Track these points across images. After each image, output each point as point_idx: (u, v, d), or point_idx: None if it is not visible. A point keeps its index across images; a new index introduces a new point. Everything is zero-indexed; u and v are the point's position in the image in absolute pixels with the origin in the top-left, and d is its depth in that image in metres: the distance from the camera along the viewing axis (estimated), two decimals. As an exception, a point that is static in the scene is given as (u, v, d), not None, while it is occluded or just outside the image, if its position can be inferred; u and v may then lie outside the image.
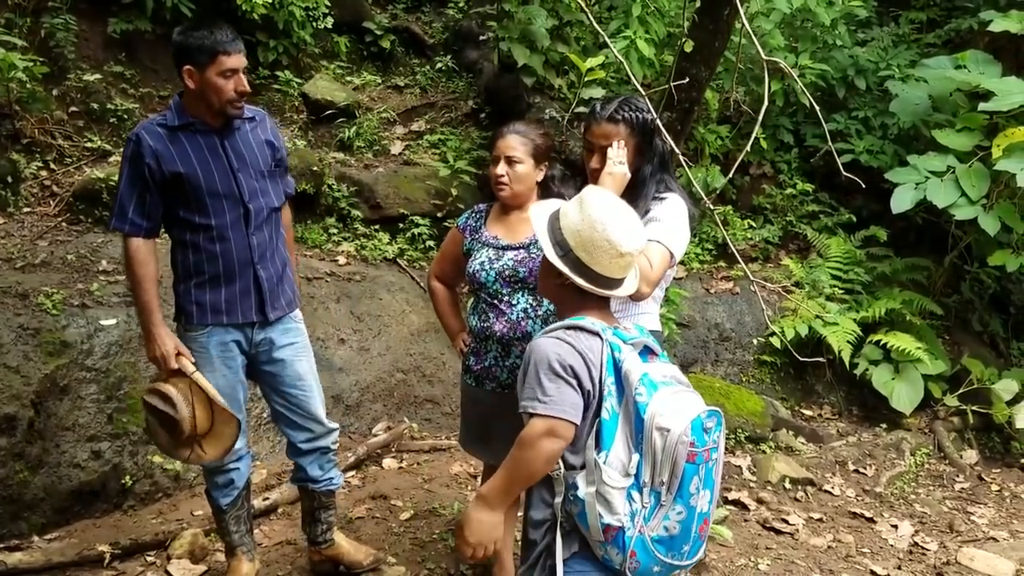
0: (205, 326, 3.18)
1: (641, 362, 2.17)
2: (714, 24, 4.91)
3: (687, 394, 2.15)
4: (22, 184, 5.41)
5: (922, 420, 6.24)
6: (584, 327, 2.18)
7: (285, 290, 3.35)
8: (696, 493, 2.08)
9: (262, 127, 3.28)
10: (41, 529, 3.88)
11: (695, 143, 7.01)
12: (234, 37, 3.02)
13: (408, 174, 6.44)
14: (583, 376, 2.12)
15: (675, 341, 6.02)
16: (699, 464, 2.06)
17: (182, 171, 3.04)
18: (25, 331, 3.98)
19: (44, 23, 5.84)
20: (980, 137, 6.09)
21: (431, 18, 8.67)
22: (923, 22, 8.17)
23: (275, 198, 3.28)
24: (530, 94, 6.55)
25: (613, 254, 2.20)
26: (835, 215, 7.22)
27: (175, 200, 3.10)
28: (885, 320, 6.32)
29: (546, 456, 2.12)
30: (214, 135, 3.12)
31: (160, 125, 3.08)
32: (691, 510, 2.09)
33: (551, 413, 2.09)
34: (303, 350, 3.41)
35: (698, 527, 2.12)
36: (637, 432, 2.09)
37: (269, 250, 3.27)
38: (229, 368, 3.25)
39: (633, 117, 2.86)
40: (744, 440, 5.52)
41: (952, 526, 4.92)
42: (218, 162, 3.11)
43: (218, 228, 3.12)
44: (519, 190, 3.19)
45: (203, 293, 3.17)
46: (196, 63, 2.98)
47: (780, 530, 4.58)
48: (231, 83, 3.02)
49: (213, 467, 3.31)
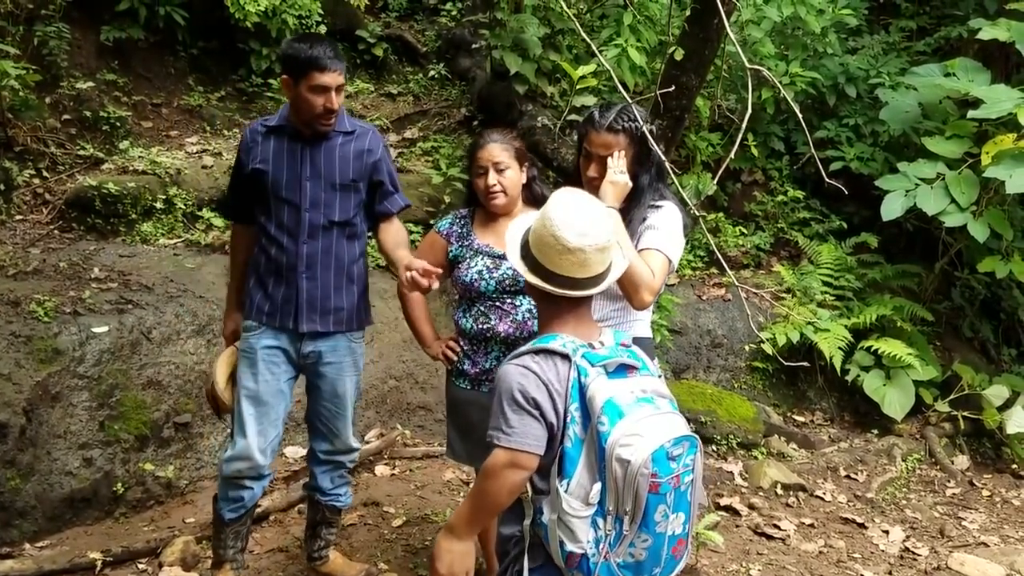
0: (257, 324, 3.28)
1: (609, 385, 2.09)
2: (704, 32, 4.94)
3: (657, 418, 2.07)
4: (14, 192, 5.41)
5: (913, 426, 6.26)
6: (553, 350, 2.12)
7: (339, 308, 3.31)
8: (663, 520, 2.05)
9: (359, 141, 3.30)
10: (32, 537, 3.87)
11: (687, 150, 7.04)
12: (334, 55, 3.10)
13: (401, 181, 6.42)
14: (546, 407, 2.08)
15: (667, 347, 6.04)
16: (664, 493, 2.03)
17: (261, 168, 3.22)
18: (17, 338, 3.98)
19: (37, 31, 5.85)
20: (969, 144, 6.13)
21: (424, 26, 8.71)
22: (913, 30, 8.23)
23: (339, 212, 3.26)
24: (522, 102, 6.58)
25: (560, 250, 2.14)
26: (826, 222, 7.25)
27: (255, 196, 3.27)
28: (876, 326, 6.34)
29: (509, 487, 2.10)
30: (300, 142, 3.23)
31: (263, 124, 3.30)
32: (659, 536, 2.06)
33: (513, 445, 2.07)
34: (348, 369, 3.40)
35: (670, 549, 2.10)
36: (600, 461, 2.04)
37: (322, 263, 3.26)
38: (272, 374, 3.27)
39: (632, 127, 2.87)
40: (736, 446, 5.54)
41: (943, 531, 4.94)
42: (291, 167, 3.22)
43: (275, 231, 3.24)
44: (513, 196, 3.21)
45: (256, 290, 3.30)
46: (292, 74, 3.12)
47: (772, 536, 4.59)
48: (321, 99, 3.10)
49: (230, 476, 3.29)
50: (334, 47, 3.14)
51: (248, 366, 3.27)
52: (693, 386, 5.88)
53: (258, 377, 3.25)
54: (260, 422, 3.26)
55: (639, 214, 2.88)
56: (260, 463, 3.28)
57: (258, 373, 3.25)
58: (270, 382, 3.26)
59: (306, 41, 3.13)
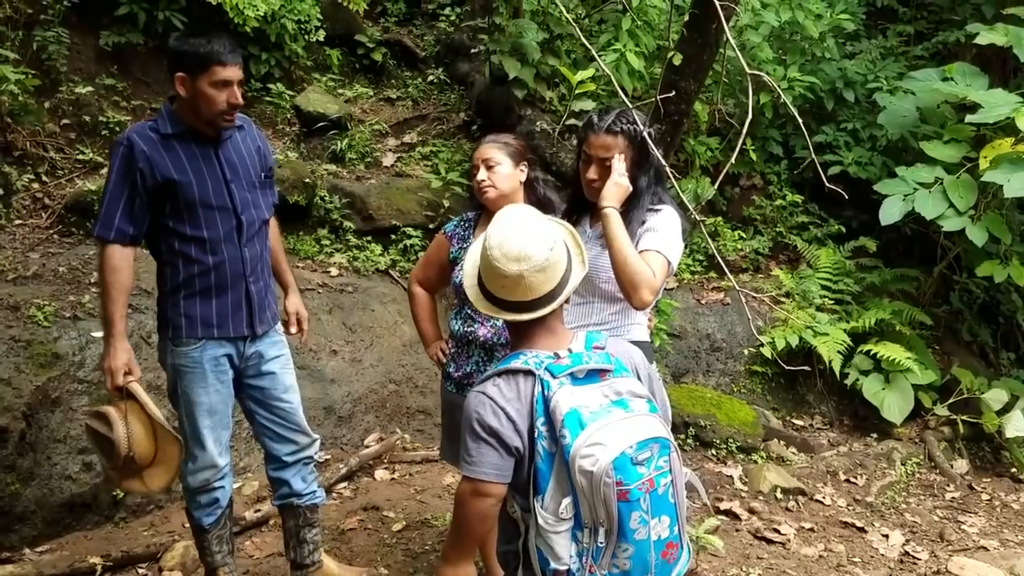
0: (197, 340, 3.11)
1: (575, 393, 2.04)
2: (702, 38, 4.96)
3: (622, 423, 2.02)
4: (14, 196, 5.41)
5: (912, 430, 6.26)
6: (515, 369, 2.08)
7: (271, 303, 3.33)
8: (641, 527, 2.01)
9: (250, 135, 3.24)
10: (32, 541, 3.87)
11: (685, 155, 7.05)
12: (232, 48, 2.96)
13: (400, 186, 6.46)
14: (505, 433, 2.03)
15: (666, 351, 6.05)
16: (635, 499, 1.98)
17: (176, 179, 2.97)
18: (17, 343, 3.98)
19: (36, 36, 5.85)
20: (967, 149, 6.14)
21: (423, 31, 8.73)
22: (910, 35, 8.26)
23: (265, 210, 3.25)
24: (521, 106, 6.59)
25: (501, 277, 2.10)
26: (825, 226, 7.26)
27: (164, 209, 3.02)
28: (875, 330, 6.35)
29: (477, 514, 2.08)
30: (208, 144, 3.07)
31: (152, 131, 3.01)
32: (640, 544, 2.02)
33: (472, 475, 2.06)
34: (289, 362, 3.39)
35: (658, 554, 2.05)
36: (568, 474, 2.01)
37: (260, 263, 3.24)
38: (222, 383, 3.19)
39: (631, 130, 2.88)
40: (735, 450, 5.54)
41: (943, 535, 4.94)
42: (212, 172, 3.06)
43: (211, 240, 3.06)
44: (504, 189, 3.18)
45: (193, 306, 3.09)
46: (189, 71, 2.93)
47: (771, 540, 4.59)
48: (224, 94, 2.96)
49: (197, 487, 3.24)
50: (232, 41, 3.00)
51: (197, 381, 3.13)
52: (692, 390, 5.89)
53: (210, 389, 3.15)
54: (215, 430, 3.20)
55: (638, 216, 2.90)
56: (222, 465, 3.24)
57: (209, 386, 3.15)
58: (221, 391, 3.19)
59: (202, 35, 2.96)
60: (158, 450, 3.01)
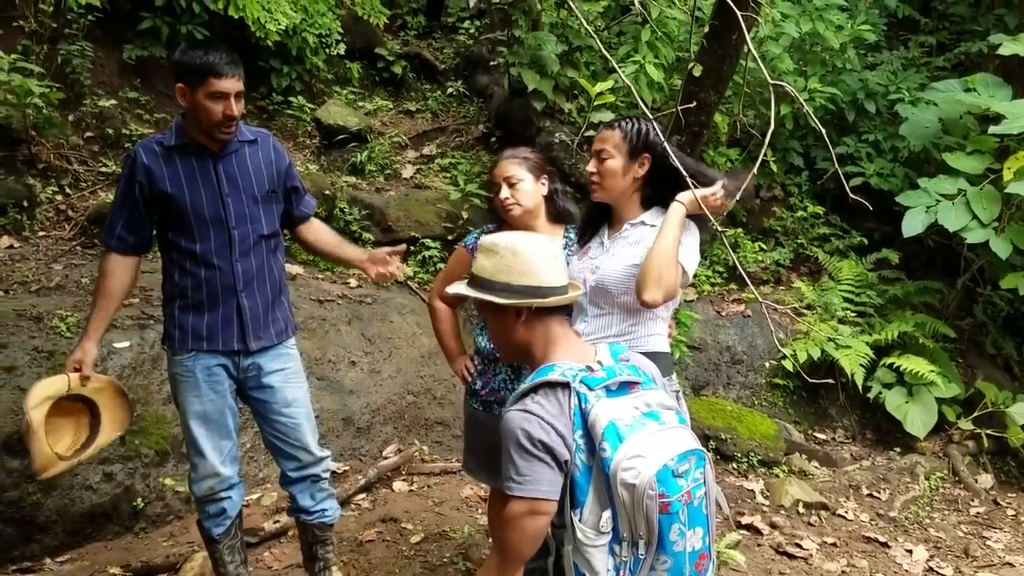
0: (188, 351, 3.14)
1: (610, 405, 2.05)
2: (722, 49, 4.95)
3: (660, 435, 2.03)
4: (38, 208, 5.47)
5: (936, 444, 6.19)
6: (552, 381, 2.07)
7: (276, 319, 3.28)
8: (680, 539, 2.01)
9: (263, 149, 3.23)
10: (53, 551, 3.88)
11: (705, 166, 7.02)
12: (230, 61, 2.96)
13: (419, 197, 6.48)
14: (556, 447, 2.02)
15: (686, 364, 6.01)
16: (675, 512, 1.99)
17: (169, 191, 3.02)
18: (40, 353, 4.01)
19: (61, 50, 5.93)
20: (991, 160, 6.09)
21: (442, 44, 8.78)
22: (932, 46, 8.20)
23: (265, 225, 3.21)
24: (540, 118, 6.60)
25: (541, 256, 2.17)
26: (846, 238, 7.21)
27: (164, 221, 3.08)
28: (898, 343, 6.29)
29: (531, 535, 2.04)
30: (209, 157, 3.09)
31: (158, 143, 3.07)
32: (678, 556, 2.02)
33: (526, 494, 2.01)
34: (294, 375, 3.34)
35: (692, 565, 2.05)
36: (607, 487, 2.01)
37: (257, 279, 3.20)
38: (216, 392, 3.19)
39: (628, 124, 2.91)
40: (757, 464, 5.49)
41: (967, 551, 4.87)
42: (207, 185, 3.08)
43: (203, 253, 3.08)
44: (528, 206, 3.20)
45: (186, 317, 3.13)
46: (188, 82, 2.96)
47: (793, 555, 4.54)
48: (220, 106, 2.96)
49: (204, 496, 3.25)
50: (231, 53, 3.00)
51: (190, 389, 3.15)
52: (713, 403, 5.85)
53: (203, 398, 3.17)
54: (212, 439, 3.20)
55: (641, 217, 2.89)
56: (226, 474, 3.24)
57: (202, 395, 3.16)
58: (215, 400, 3.19)
59: (201, 48, 2.99)
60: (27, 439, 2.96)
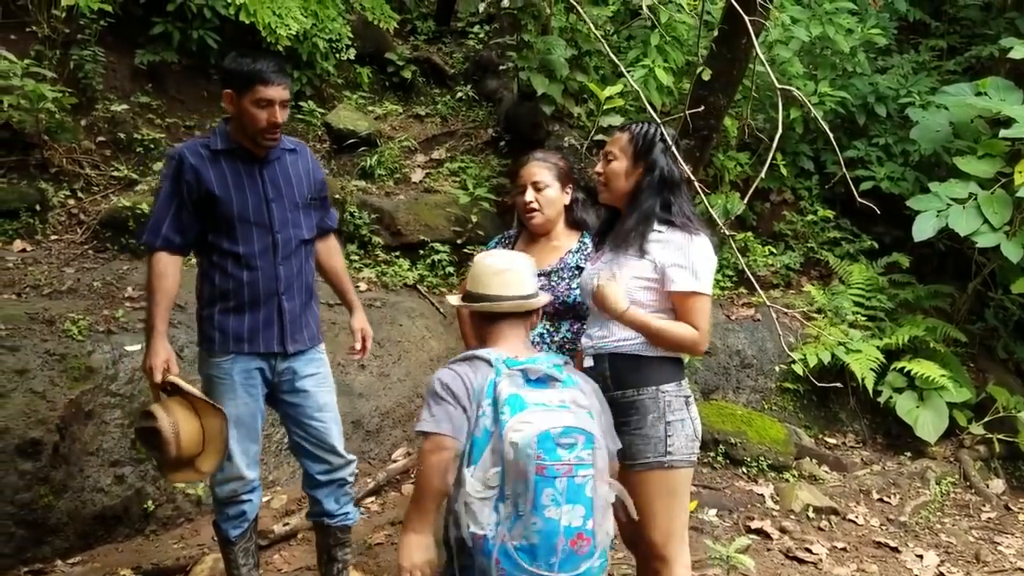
0: (228, 353, 3.19)
1: (523, 388, 2.34)
2: (731, 53, 4.95)
3: (554, 412, 2.29)
4: (50, 212, 5.51)
5: (947, 449, 6.16)
6: (478, 356, 2.44)
7: (309, 323, 3.35)
8: (552, 505, 2.23)
9: (303, 159, 3.33)
10: (64, 553, 3.90)
11: (715, 170, 7.02)
12: (278, 69, 3.07)
13: (428, 201, 6.50)
14: (461, 395, 2.36)
15: (696, 368, 6.00)
16: (552, 478, 2.22)
17: (216, 193, 3.09)
18: (51, 356, 4.04)
19: (73, 55, 5.97)
20: (1002, 164, 6.07)
21: (452, 49, 8.80)
22: (943, 49, 8.18)
23: (306, 230, 3.30)
24: (549, 122, 6.60)
25: (492, 272, 2.56)
26: (857, 242, 7.19)
27: (207, 223, 3.14)
28: (909, 347, 6.26)
29: (436, 468, 2.35)
30: (254, 162, 3.17)
31: (203, 146, 3.15)
32: (550, 522, 2.23)
33: (431, 429, 2.35)
34: (325, 380, 3.40)
35: (568, 541, 2.24)
36: (501, 448, 2.28)
37: (297, 282, 3.28)
38: (250, 396, 3.24)
39: (637, 128, 2.95)
40: (766, 468, 5.47)
41: (978, 556, 4.85)
42: (253, 189, 3.15)
43: (246, 256, 3.15)
44: (550, 215, 3.23)
45: (227, 320, 3.17)
46: (235, 88, 3.06)
47: (803, 560, 4.53)
48: (265, 113, 3.05)
49: (225, 498, 3.29)
50: (279, 62, 3.12)
51: (226, 392, 3.19)
52: (723, 407, 5.83)
53: (238, 401, 3.20)
54: (242, 442, 3.23)
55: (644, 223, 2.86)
56: (250, 477, 3.28)
57: (237, 398, 3.20)
58: (249, 404, 3.23)
59: (250, 55, 3.09)
60: (205, 433, 3.06)
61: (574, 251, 3.28)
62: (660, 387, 2.84)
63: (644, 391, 2.83)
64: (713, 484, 5.26)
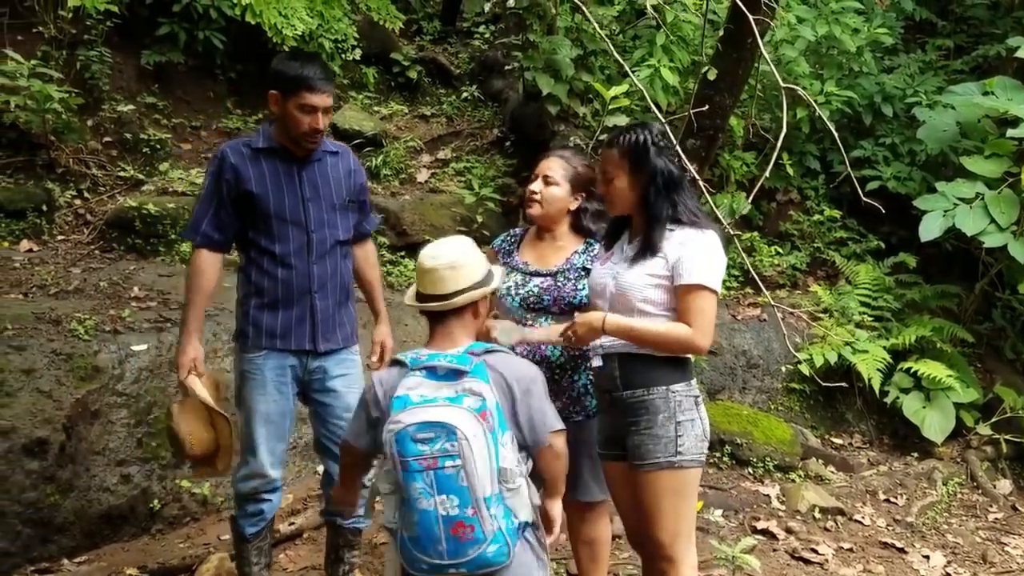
0: (261, 349, 3.23)
1: (421, 384, 2.39)
2: (737, 52, 4.95)
3: (425, 409, 2.32)
4: (56, 212, 5.52)
5: (954, 449, 6.14)
6: (396, 358, 2.53)
7: (343, 323, 3.38)
8: (423, 498, 2.29)
9: (344, 162, 3.37)
10: (70, 552, 3.91)
11: (721, 169, 7.01)
12: (324, 76, 3.13)
13: (434, 201, 6.50)
14: (371, 402, 2.50)
15: (702, 368, 5.99)
16: (416, 471, 2.29)
17: (254, 191, 3.16)
18: (58, 356, 4.04)
19: (79, 56, 5.98)
20: (1009, 164, 6.05)
21: (457, 49, 8.80)
22: (950, 49, 8.15)
23: (342, 231, 3.33)
24: (554, 122, 6.60)
25: (420, 271, 2.54)
26: (863, 241, 7.17)
27: (246, 220, 3.21)
28: (915, 347, 6.24)
29: (345, 470, 2.75)
30: (294, 163, 3.23)
31: (246, 145, 3.23)
32: (424, 513, 2.30)
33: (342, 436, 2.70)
34: (354, 382, 3.40)
35: (448, 528, 2.30)
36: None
37: (331, 282, 3.31)
38: (281, 394, 3.27)
39: (625, 139, 2.89)
40: (773, 469, 5.46)
41: (985, 557, 4.83)
42: (291, 189, 3.21)
43: (281, 253, 3.21)
44: (548, 211, 3.22)
45: (261, 316, 3.23)
46: (281, 91, 3.12)
47: (809, 560, 4.52)
48: (308, 118, 3.11)
49: (246, 494, 3.31)
50: (326, 68, 3.19)
51: (257, 388, 3.24)
52: (729, 407, 5.82)
53: (268, 398, 3.24)
54: (269, 440, 3.26)
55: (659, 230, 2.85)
56: (273, 477, 3.30)
57: (268, 394, 3.24)
58: (279, 402, 3.26)
59: (298, 59, 3.17)
60: (219, 435, 3.13)
61: (580, 252, 3.28)
62: (671, 387, 2.83)
63: (654, 391, 2.83)
64: (719, 484, 5.25)
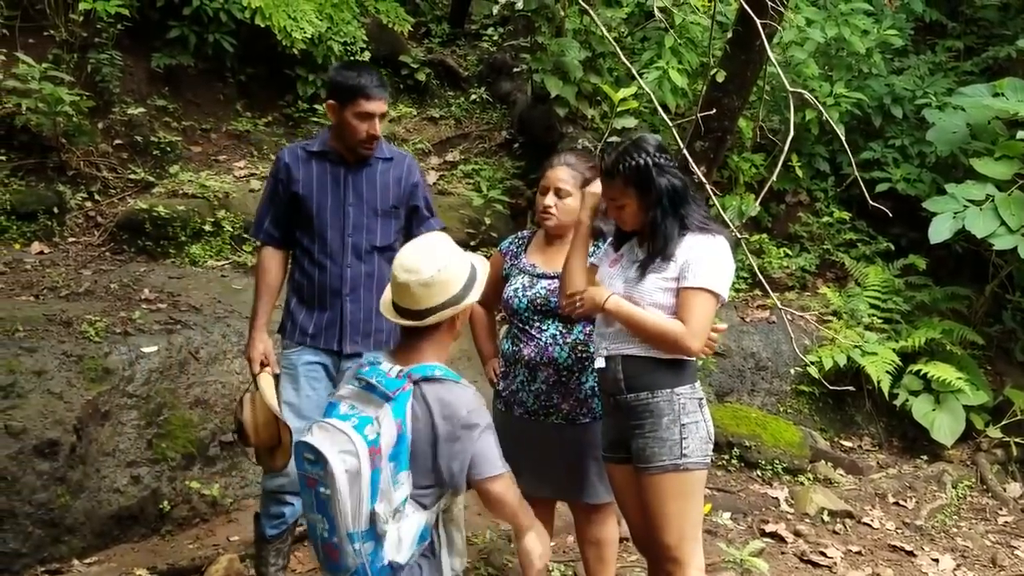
0: (296, 344, 3.34)
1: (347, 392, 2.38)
2: (745, 55, 4.94)
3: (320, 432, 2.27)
4: (68, 215, 5.56)
5: (964, 452, 6.12)
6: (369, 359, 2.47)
7: (380, 329, 3.37)
8: (309, 512, 2.30)
9: (396, 168, 3.42)
10: (81, 553, 3.92)
11: (729, 171, 7.00)
12: (379, 84, 3.23)
13: (442, 203, 6.50)
14: None
15: (710, 370, 5.98)
16: (304, 487, 2.30)
17: (300, 193, 3.28)
18: (69, 358, 4.06)
19: (90, 59, 6.02)
20: (1019, 165, 6.03)
21: (466, 51, 8.81)
22: (960, 50, 8.12)
23: (380, 237, 3.37)
24: (563, 124, 6.60)
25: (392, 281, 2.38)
26: (873, 243, 7.15)
27: (293, 219, 3.33)
28: (925, 350, 6.23)
29: None
30: (343, 167, 3.32)
31: (303, 148, 3.38)
32: (310, 526, 2.33)
33: None
34: None
35: (323, 547, 2.28)
36: None
37: (365, 286, 3.34)
38: (313, 389, 3.32)
39: (626, 167, 2.83)
40: (781, 471, 5.45)
41: (995, 560, 4.81)
42: (335, 192, 3.30)
43: (319, 255, 3.30)
44: (565, 221, 3.23)
45: (299, 312, 3.36)
46: (339, 100, 3.22)
47: (818, 563, 4.50)
48: (365, 125, 3.21)
49: (271, 490, 3.34)
50: (380, 77, 3.28)
51: (290, 381, 3.33)
52: (737, 410, 5.82)
53: (300, 392, 3.31)
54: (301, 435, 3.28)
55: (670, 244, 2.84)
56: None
57: (300, 388, 3.31)
58: (311, 397, 3.30)
59: (354, 69, 3.28)
60: (281, 433, 3.19)
61: (588, 254, 3.28)
62: (675, 390, 2.83)
63: (658, 394, 2.83)
64: (728, 487, 5.24)
